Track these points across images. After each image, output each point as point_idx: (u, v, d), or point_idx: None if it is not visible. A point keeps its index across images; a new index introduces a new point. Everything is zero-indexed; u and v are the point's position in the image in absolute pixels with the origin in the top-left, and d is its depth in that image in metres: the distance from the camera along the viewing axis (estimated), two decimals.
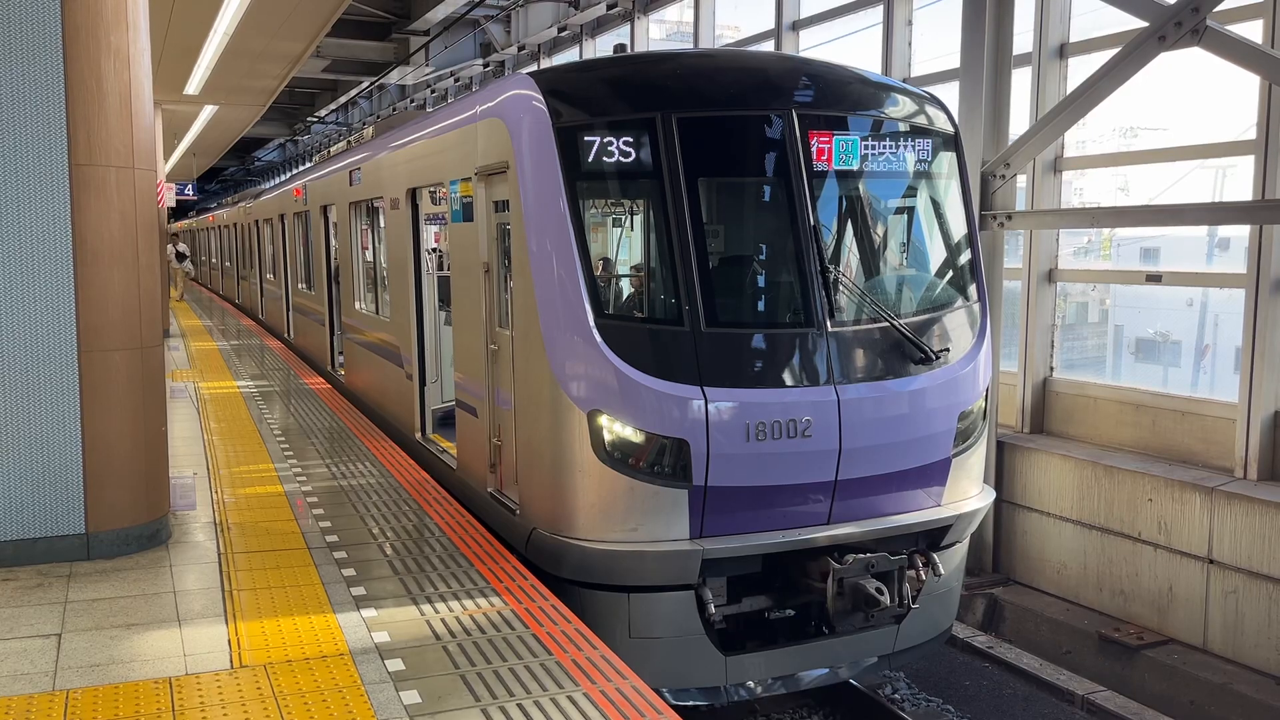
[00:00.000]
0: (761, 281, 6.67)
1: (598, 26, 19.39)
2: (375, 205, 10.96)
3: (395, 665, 4.77)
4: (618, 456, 5.96)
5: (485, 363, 7.28)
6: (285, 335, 18.72)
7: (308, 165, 18.04)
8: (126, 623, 5.30)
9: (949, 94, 9.32)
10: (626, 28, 18.27)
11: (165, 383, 6.78)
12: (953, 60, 10.55)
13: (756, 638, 6.45)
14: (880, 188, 6.97)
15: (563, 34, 20.22)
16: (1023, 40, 9.99)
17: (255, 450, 9.28)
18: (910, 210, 7.09)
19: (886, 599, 6.07)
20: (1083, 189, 10.94)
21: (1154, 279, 9.30)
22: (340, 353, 13.48)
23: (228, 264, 31.13)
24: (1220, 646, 8.14)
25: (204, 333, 20.27)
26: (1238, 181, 9.32)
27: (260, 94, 18.85)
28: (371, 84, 25.89)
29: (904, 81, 10.59)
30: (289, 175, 26.76)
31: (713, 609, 6.05)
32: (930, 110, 7.11)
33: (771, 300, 6.64)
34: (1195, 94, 9.68)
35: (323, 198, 13.90)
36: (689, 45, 17.24)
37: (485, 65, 23.46)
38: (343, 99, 30.78)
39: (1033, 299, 10.13)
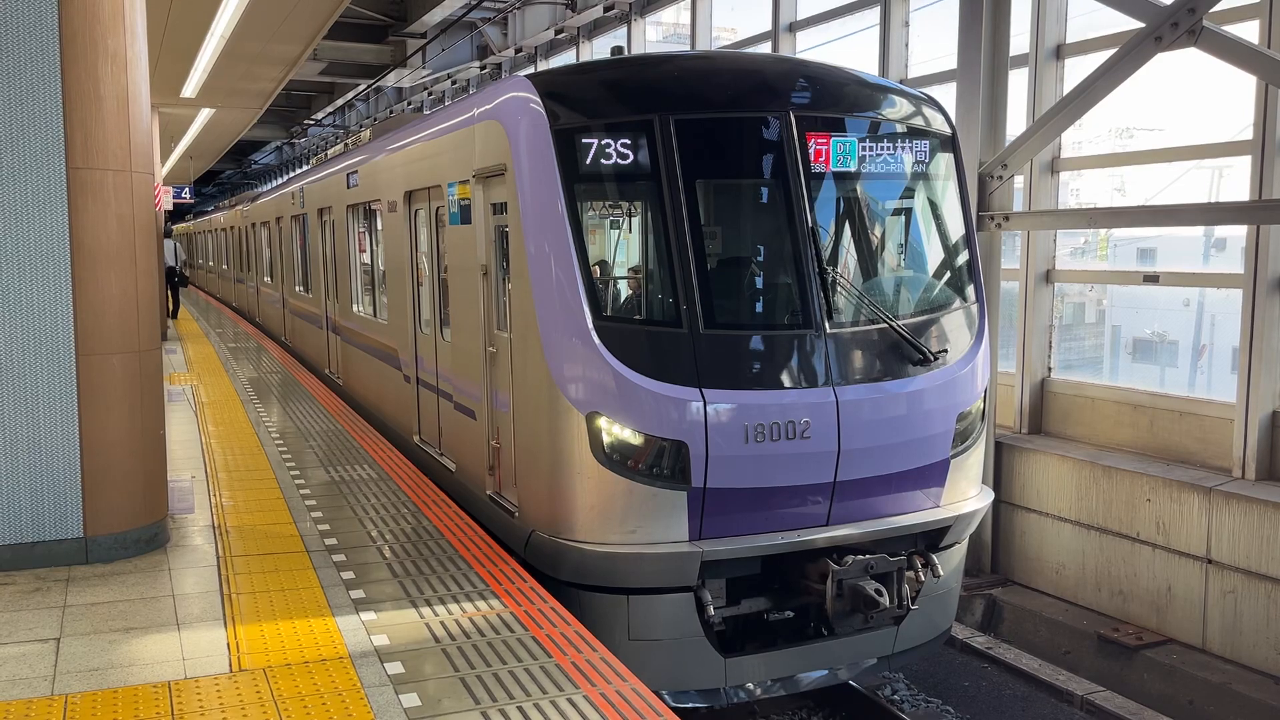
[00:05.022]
0: (759, 283, 6.67)
1: (595, 29, 19.39)
2: (373, 208, 10.95)
3: (394, 668, 4.77)
4: (616, 458, 5.96)
5: (483, 365, 7.28)
6: (283, 338, 18.71)
7: (305, 169, 18.03)
8: (125, 627, 5.29)
9: (946, 95, 9.33)
10: (624, 30, 18.28)
11: (163, 386, 6.77)
12: (950, 61, 10.57)
13: (756, 639, 6.45)
14: (878, 189, 6.97)
15: (560, 36, 20.23)
16: (1019, 41, 10.01)
17: (253, 453, 9.27)
18: (908, 211, 7.10)
19: (885, 600, 6.07)
20: (1079, 189, 10.96)
21: (1151, 279, 9.31)
22: (338, 355, 13.47)
23: (224, 267, 31.11)
24: (1219, 646, 8.14)
25: (201, 336, 20.25)
26: (1234, 182, 9.34)
27: (257, 97, 18.84)
28: (368, 87, 25.90)
29: (901, 83, 10.61)
30: (286, 178, 26.77)
31: (712, 611, 6.05)
32: (927, 111, 7.12)
33: (769, 302, 6.64)
34: (1192, 95, 9.70)
35: (320, 201, 13.90)
36: (686, 47, 17.25)
37: (482, 68, 23.47)
38: (339, 102, 30.79)
39: (1030, 300, 10.14)
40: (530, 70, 19.61)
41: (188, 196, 32.08)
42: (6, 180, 5.96)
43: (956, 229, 7.15)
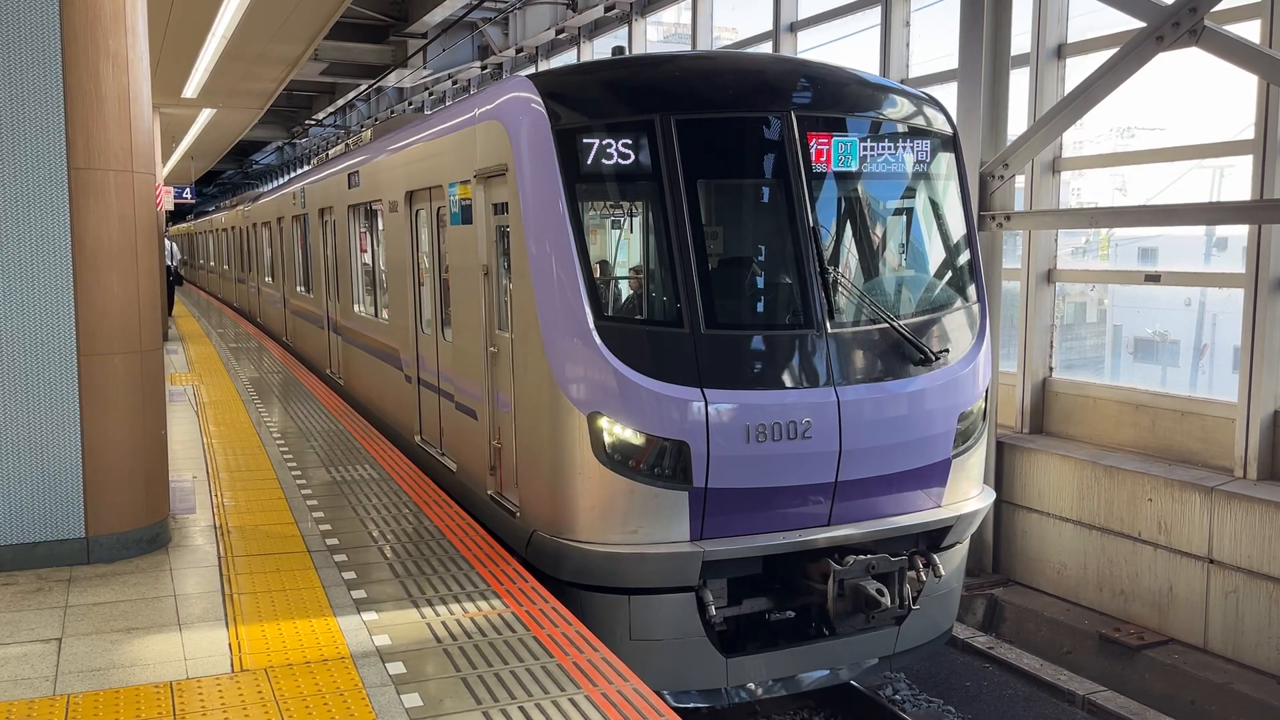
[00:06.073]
0: (761, 283, 6.67)
1: (595, 29, 19.39)
2: (374, 208, 10.96)
3: (396, 668, 4.77)
4: (618, 458, 5.96)
5: (484, 365, 7.28)
6: (284, 338, 18.72)
7: (306, 169, 18.04)
8: (127, 627, 5.29)
9: (947, 95, 9.33)
10: (624, 30, 18.28)
11: (164, 386, 6.77)
12: (951, 61, 10.57)
13: (757, 639, 6.45)
14: (879, 189, 6.97)
15: (560, 36, 20.22)
16: (1021, 41, 10.00)
17: (254, 453, 9.27)
18: (909, 211, 7.10)
19: (887, 600, 6.07)
20: (1080, 189, 10.96)
21: (1152, 279, 9.31)
22: (339, 355, 13.48)
23: (225, 267, 31.12)
24: (1220, 646, 8.14)
25: (202, 336, 20.26)
26: (1235, 181, 9.33)
27: (258, 97, 18.85)
28: (369, 87, 25.90)
29: (902, 83, 10.61)
30: (286, 179, 26.76)
31: (713, 611, 6.05)
32: (929, 111, 7.12)
33: (771, 302, 6.65)
34: (1193, 94, 9.69)
35: (321, 201, 13.90)
36: (687, 47, 17.25)
37: (483, 68, 23.47)
38: (340, 102, 30.79)
39: (1031, 299, 10.14)
40: (531, 70, 19.61)
41: (189, 197, 32.08)
42: (8, 180, 5.96)
43: (958, 229, 7.15)
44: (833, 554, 6.18)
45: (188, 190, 31.81)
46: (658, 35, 19.17)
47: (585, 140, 6.13)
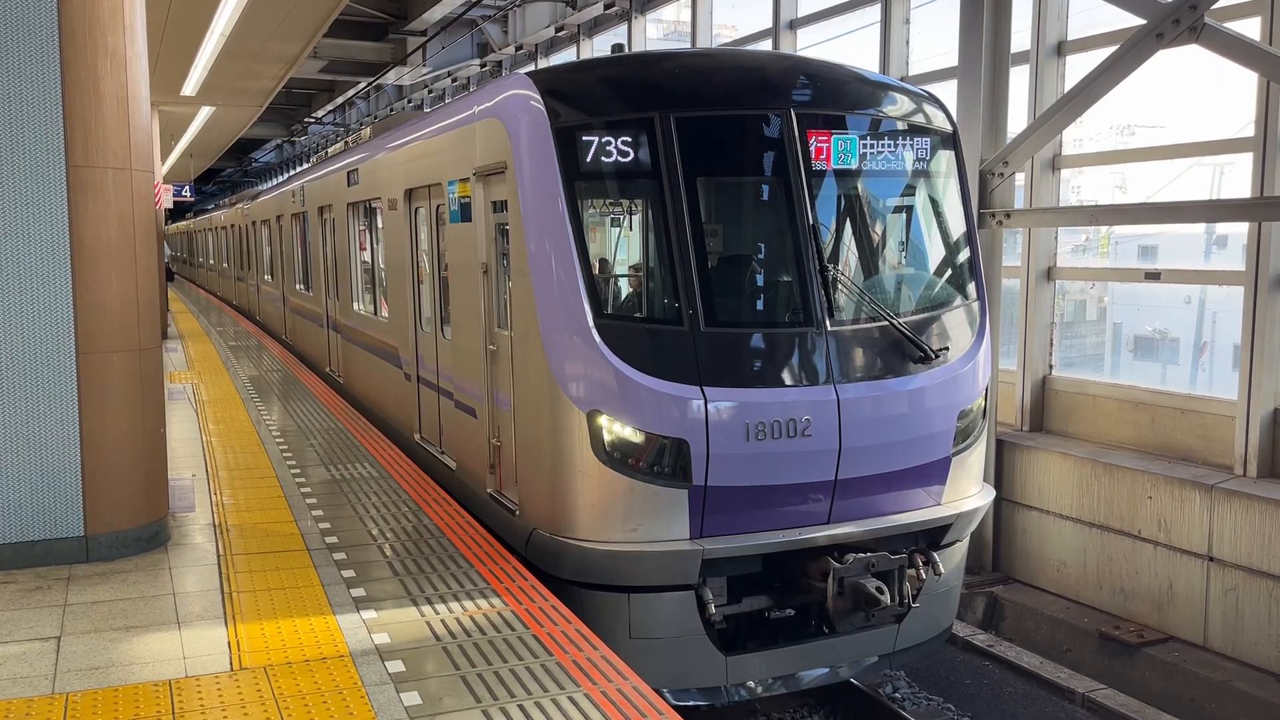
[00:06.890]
0: (760, 281, 6.67)
1: (595, 26, 19.38)
2: (373, 206, 10.95)
3: (395, 666, 4.77)
4: (617, 457, 5.95)
5: (484, 364, 7.28)
6: (283, 336, 18.71)
7: (305, 166, 18.03)
8: (126, 625, 5.29)
9: (947, 92, 9.31)
10: (624, 27, 18.26)
11: (164, 384, 6.77)
12: (950, 58, 10.56)
13: (757, 638, 6.45)
14: (879, 186, 6.96)
15: (560, 34, 20.21)
16: (1020, 38, 9.99)
17: (254, 452, 9.26)
18: (909, 209, 7.09)
19: (887, 598, 6.07)
20: (1080, 187, 10.95)
21: (1152, 276, 9.30)
22: (339, 353, 13.47)
23: (225, 265, 31.11)
24: (1220, 644, 8.14)
25: (202, 334, 20.25)
26: (1235, 179, 9.33)
27: (257, 95, 18.84)
28: (369, 84, 25.88)
29: (902, 80, 10.60)
30: (286, 176, 26.75)
31: (713, 609, 6.05)
32: (928, 109, 7.11)
33: (770, 300, 6.64)
34: (1193, 91, 9.69)
35: (320, 199, 13.89)
36: (686, 45, 17.24)
37: (482, 65, 23.45)
38: (340, 100, 30.76)
39: (1031, 297, 10.13)
40: (530, 68, 19.59)
41: (188, 194, 32.06)
42: (7, 178, 5.95)
43: (957, 226, 7.15)
44: (832, 552, 6.18)
45: (187, 188, 31.78)
46: (657, 33, 19.16)
47: (585, 138, 6.12)
